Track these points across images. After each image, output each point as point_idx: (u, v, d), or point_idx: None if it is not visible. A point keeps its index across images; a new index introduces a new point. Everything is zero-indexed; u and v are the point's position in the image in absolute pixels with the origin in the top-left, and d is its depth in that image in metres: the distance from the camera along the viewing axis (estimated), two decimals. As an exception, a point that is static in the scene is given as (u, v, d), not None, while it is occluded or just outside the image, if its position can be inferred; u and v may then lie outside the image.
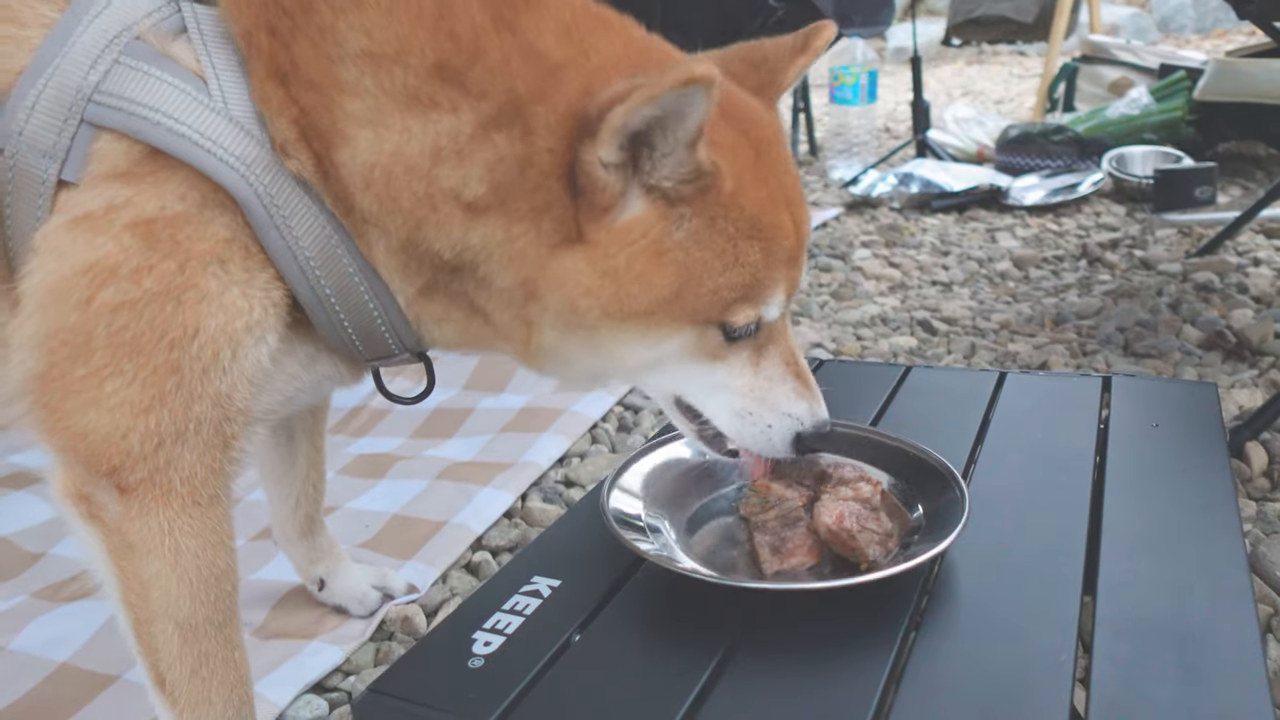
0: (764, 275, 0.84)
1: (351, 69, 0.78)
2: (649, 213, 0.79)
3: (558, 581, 1.01)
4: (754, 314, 0.85)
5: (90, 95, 0.77)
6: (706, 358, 0.88)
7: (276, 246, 0.80)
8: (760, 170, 0.83)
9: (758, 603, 0.94)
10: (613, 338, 0.84)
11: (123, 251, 0.76)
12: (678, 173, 0.77)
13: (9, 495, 1.75)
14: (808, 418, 0.93)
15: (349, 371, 0.94)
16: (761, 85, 0.93)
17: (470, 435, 1.92)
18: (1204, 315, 2.30)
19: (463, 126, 0.78)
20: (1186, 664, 0.82)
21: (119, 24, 0.79)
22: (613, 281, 0.80)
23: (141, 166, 0.77)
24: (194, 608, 0.84)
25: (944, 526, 0.97)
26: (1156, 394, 1.39)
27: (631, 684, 0.86)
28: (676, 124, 0.74)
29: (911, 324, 2.46)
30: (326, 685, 1.26)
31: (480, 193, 0.79)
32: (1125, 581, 0.94)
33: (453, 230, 0.81)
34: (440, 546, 1.52)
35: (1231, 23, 8.12)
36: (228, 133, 0.77)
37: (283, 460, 1.26)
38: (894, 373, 1.52)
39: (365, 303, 0.84)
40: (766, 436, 0.93)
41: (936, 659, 0.85)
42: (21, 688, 1.25)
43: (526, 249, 0.80)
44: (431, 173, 0.79)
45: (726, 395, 0.91)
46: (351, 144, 0.79)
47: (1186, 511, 1.06)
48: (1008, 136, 3.91)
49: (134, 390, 0.77)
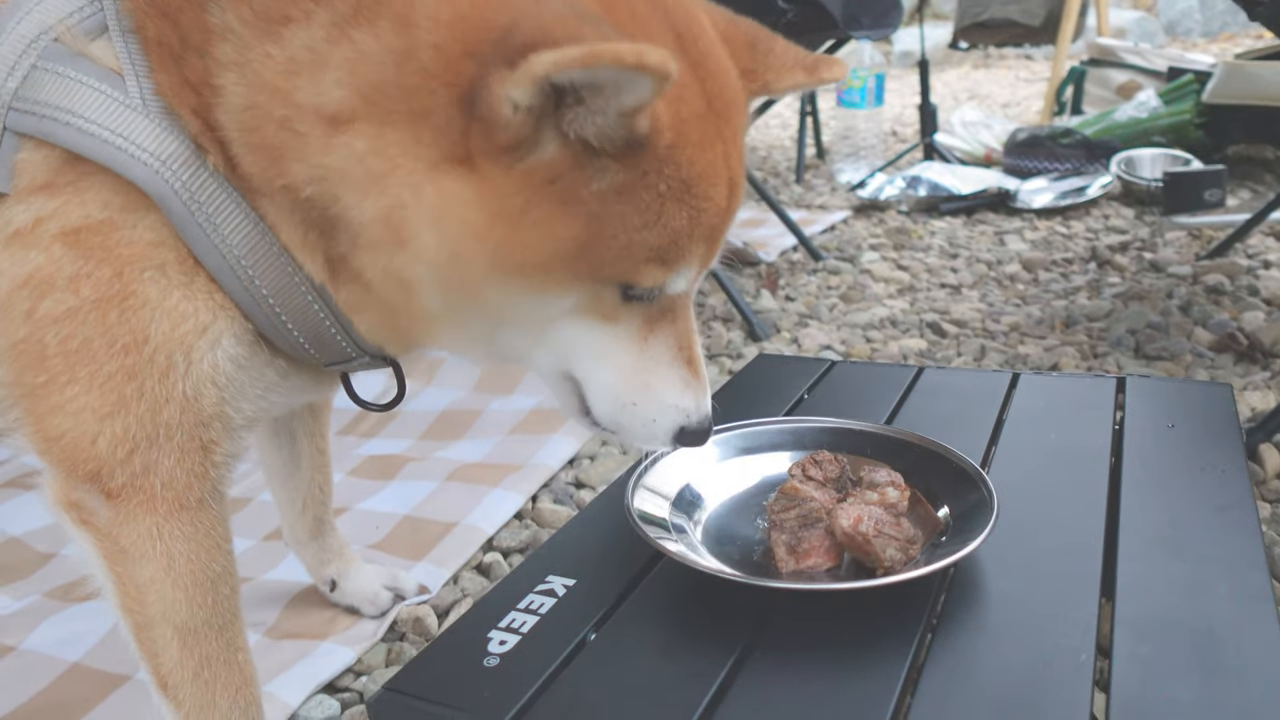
0: (684, 243, 0.74)
1: (215, 10, 0.72)
2: (562, 157, 0.68)
3: (572, 580, 1.01)
4: (661, 279, 0.76)
5: (9, 103, 0.75)
6: (597, 317, 0.79)
7: (202, 246, 0.76)
8: (708, 130, 0.74)
9: (776, 603, 0.94)
10: (499, 294, 0.74)
11: (54, 263, 0.74)
12: (606, 134, 0.67)
13: (20, 496, 1.75)
14: (694, 411, 0.84)
15: (313, 379, 0.89)
16: (749, 70, 0.84)
17: (480, 437, 1.91)
18: (1215, 317, 2.30)
19: (315, 31, 0.70)
20: (1207, 663, 0.81)
21: (38, 28, 0.76)
22: (506, 225, 0.69)
23: (61, 176, 0.75)
24: (191, 611, 0.84)
25: (970, 529, 0.96)
26: (1171, 394, 1.38)
27: (647, 683, 0.85)
28: (613, 94, 0.64)
29: (921, 326, 2.45)
30: (338, 685, 1.26)
31: (340, 98, 0.69)
32: (1144, 581, 0.94)
33: (311, 151, 0.71)
34: (451, 547, 1.52)
35: (1239, 26, 8.11)
36: (143, 129, 0.74)
37: (286, 464, 1.26)
38: (906, 374, 1.52)
39: (309, 303, 0.79)
40: (649, 431, 0.84)
41: (955, 660, 0.85)
42: (34, 687, 1.25)
43: (398, 160, 0.68)
44: (288, 90, 0.70)
45: (607, 373, 0.82)
46: (224, 94, 0.72)
47: (1204, 511, 1.05)
48: (1016, 139, 3.90)
49: (94, 396, 0.76)
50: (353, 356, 0.85)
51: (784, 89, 0.87)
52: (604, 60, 0.60)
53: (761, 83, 0.85)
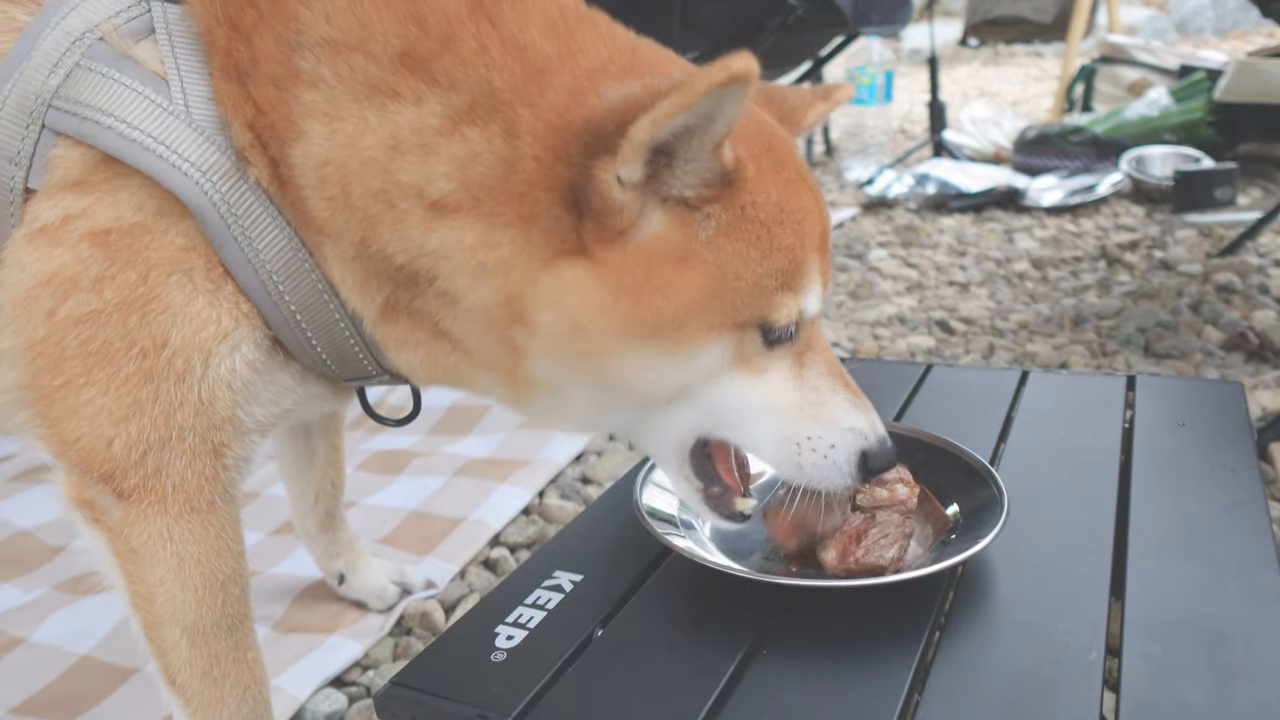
0: (802, 258, 0.77)
1: (309, 57, 0.73)
2: (668, 224, 0.72)
3: (579, 576, 1.01)
4: (795, 306, 0.77)
5: (50, 100, 0.75)
6: (744, 370, 0.79)
7: (235, 258, 0.76)
8: (776, 156, 0.78)
9: (783, 599, 0.93)
10: (629, 361, 0.75)
11: (80, 263, 0.74)
12: (701, 178, 0.71)
13: (29, 489, 1.76)
14: (870, 430, 0.83)
15: (332, 391, 0.90)
16: (779, 118, 0.88)
17: (487, 432, 1.92)
18: (1225, 316, 2.28)
19: (427, 118, 0.72)
20: (1218, 663, 0.81)
21: (84, 25, 0.76)
22: (630, 296, 0.71)
23: (96, 174, 0.75)
24: (200, 612, 0.84)
25: (980, 527, 0.96)
26: (1182, 393, 1.37)
27: (655, 679, 0.85)
28: (706, 129, 0.68)
29: (929, 324, 2.45)
30: (345, 679, 1.26)
31: (448, 190, 0.72)
32: (1154, 581, 0.93)
33: (410, 231, 0.74)
34: (458, 542, 1.52)
35: (1251, 24, 8.06)
36: (185, 137, 0.74)
37: (301, 457, 1.26)
38: (915, 371, 1.51)
39: (335, 321, 0.80)
40: (831, 461, 0.82)
41: (963, 658, 0.85)
42: (44, 679, 1.25)
43: (511, 260, 0.72)
44: (389, 167, 0.73)
45: (771, 420, 0.81)
46: (305, 139, 0.74)
47: (1215, 510, 1.04)
48: (1026, 137, 3.89)
49: (110, 399, 0.76)
50: (372, 374, 0.86)
51: (812, 122, 0.93)
52: (699, 91, 0.63)
53: (792, 122, 0.91)
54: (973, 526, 0.97)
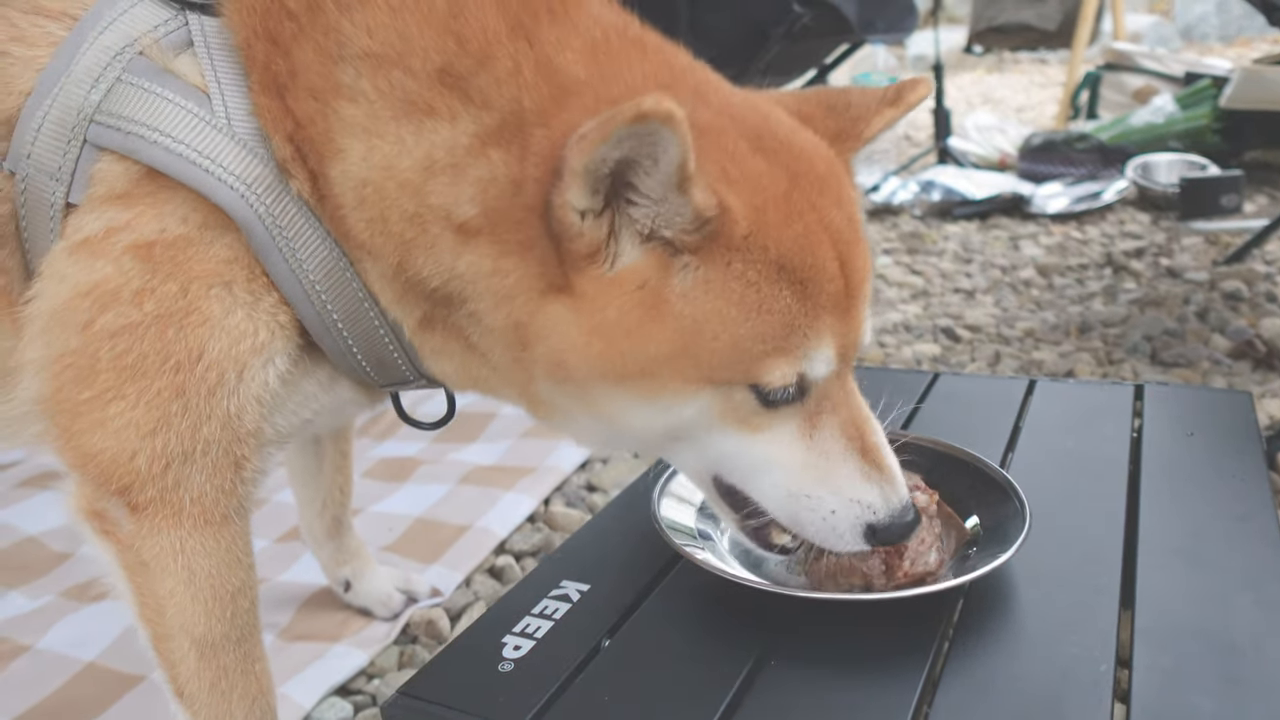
0: (801, 323, 0.72)
1: (350, 71, 0.73)
2: (645, 262, 0.70)
3: (586, 586, 1.00)
4: (791, 371, 0.73)
5: (91, 115, 0.75)
6: (740, 426, 0.76)
7: (280, 270, 0.76)
8: (794, 204, 0.73)
9: (796, 611, 0.93)
10: (610, 400, 0.74)
11: (122, 275, 0.74)
12: (676, 220, 0.68)
13: (36, 495, 1.76)
14: (881, 506, 0.78)
15: (366, 396, 0.91)
16: (839, 132, 0.83)
17: (493, 440, 1.92)
18: (1233, 324, 2.28)
19: (459, 137, 0.71)
20: (1229, 674, 0.80)
21: (122, 40, 0.76)
22: (601, 339, 0.71)
23: (140, 188, 0.75)
24: (210, 625, 0.84)
25: (1001, 539, 0.94)
26: (1190, 402, 1.37)
27: (663, 690, 0.85)
28: (651, 166, 0.65)
29: (935, 331, 2.44)
30: (351, 688, 1.26)
31: (471, 215, 0.72)
32: (1164, 591, 0.93)
33: (442, 255, 0.74)
34: (464, 550, 1.52)
35: (1256, 30, 8.06)
36: (229, 151, 0.74)
37: (309, 463, 1.27)
38: (921, 379, 1.51)
39: (376, 329, 0.81)
40: (830, 525, 0.79)
41: (973, 669, 0.84)
42: (50, 686, 1.25)
43: (516, 289, 0.72)
44: (423, 188, 0.72)
45: (775, 473, 0.78)
46: (344, 157, 0.73)
47: (1224, 521, 1.04)
48: (1031, 144, 3.89)
49: (139, 413, 0.76)
50: (410, 380, 0.87)
51: (876, 132, 0.85)
52: (612, 127, 0.61)
53: (854, 136, 0.84)
54: (994, 539, 0.96)
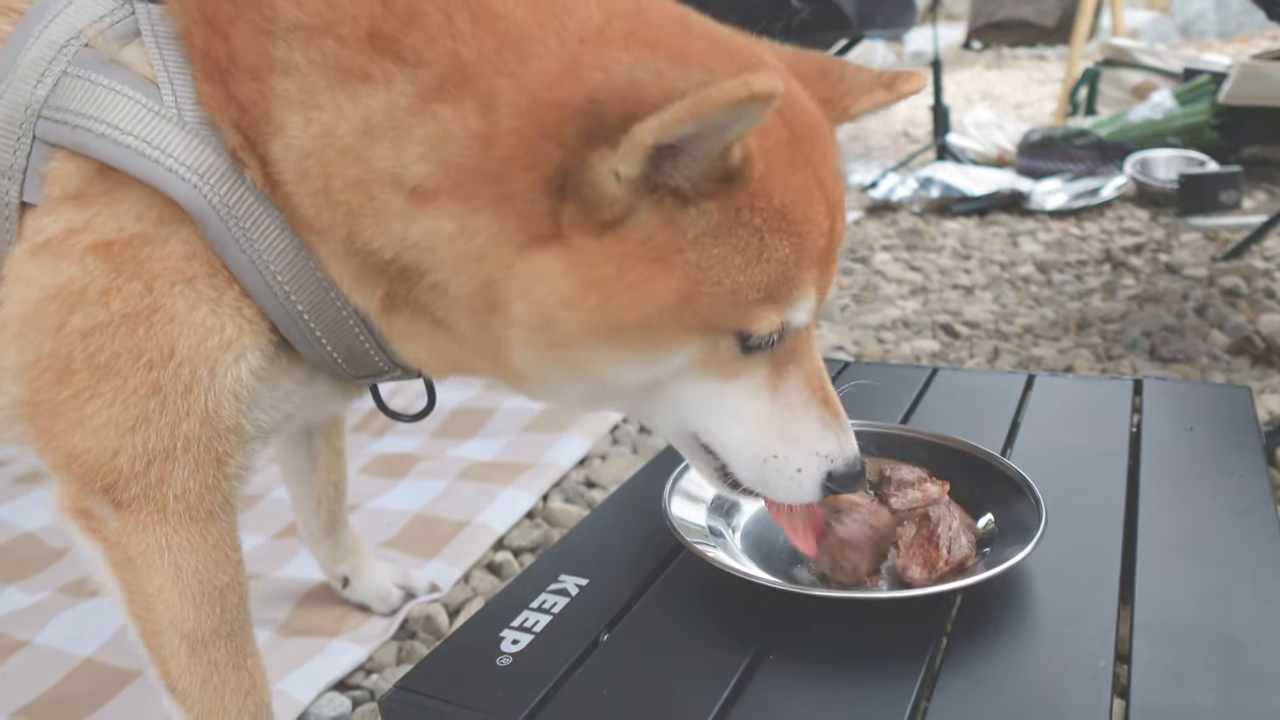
0: (794, 273, 0.72)
1: (282, 45, 0.71)
2: (654, 217, 0.68)
3: (585, 580, 1.00)
4: (778, 319, 0.73)
5: (39, 110, 0.73)
6: (716, 374, 0.76)
7: (239, 262, 0.75)
8: (795, 154, 0.72)
9: (794, 606, 0.93)
10: (598, 356, 0.73)
11: (87, 275, 0.73)
12: (702, 174, 0.67)
13: (32, 491, 1.76)
14: (838, 454, 0.80)
15: (341, 390, 0.89)
16: (827, 100, 0.82)
17: (492, 436, 1.91)
18: (1231, 320, 2.28)
19: (396, 99, 0.69)
20: (1230, 669, 0.80)
21: (68, 32, 0.74)
22: (599, 291, 0.68)
23: (94, 186, 0.74)
24: (199, 621, 0.83)
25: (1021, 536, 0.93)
26: (1189, 397, 1.37)
27: (661, 684, 0.85)
28: (718, 136, 0.63)
29: (933, 327, 2.44)
30: (349, 683, 1.26)
31: (424, 173, 0.68)
32: (1164, 586, 0.92)
33: (391, 222, 0.71)
34: (462, 546, 1.52)
35: (1255, 27, 8.05)
36: (179, 141, 0.72)
37: (302, 460, 1.26)
38: (920, 375, 1.50)
39: (343, 318, 0.79)
40: (796, 483, 0.81)
41: (972, 665, 0.84)
42: (47, 681, 1.25)
43: (486, 246, 0.69)
44: (365, 153, 0.69)
45: (742, 429, 0.79)
46: (284, 133, 0.71)
47: (1224, 516, 1.04)
48: (1029, 140, 3.88)
49: (116, 411, 0.75)
50: (385, 370, 0.85)
51: (863, 110, 0.84)
52: (715, 104, 0.59)
53: (840, 109, 0.83)
54: (1011, 536, 0.95)
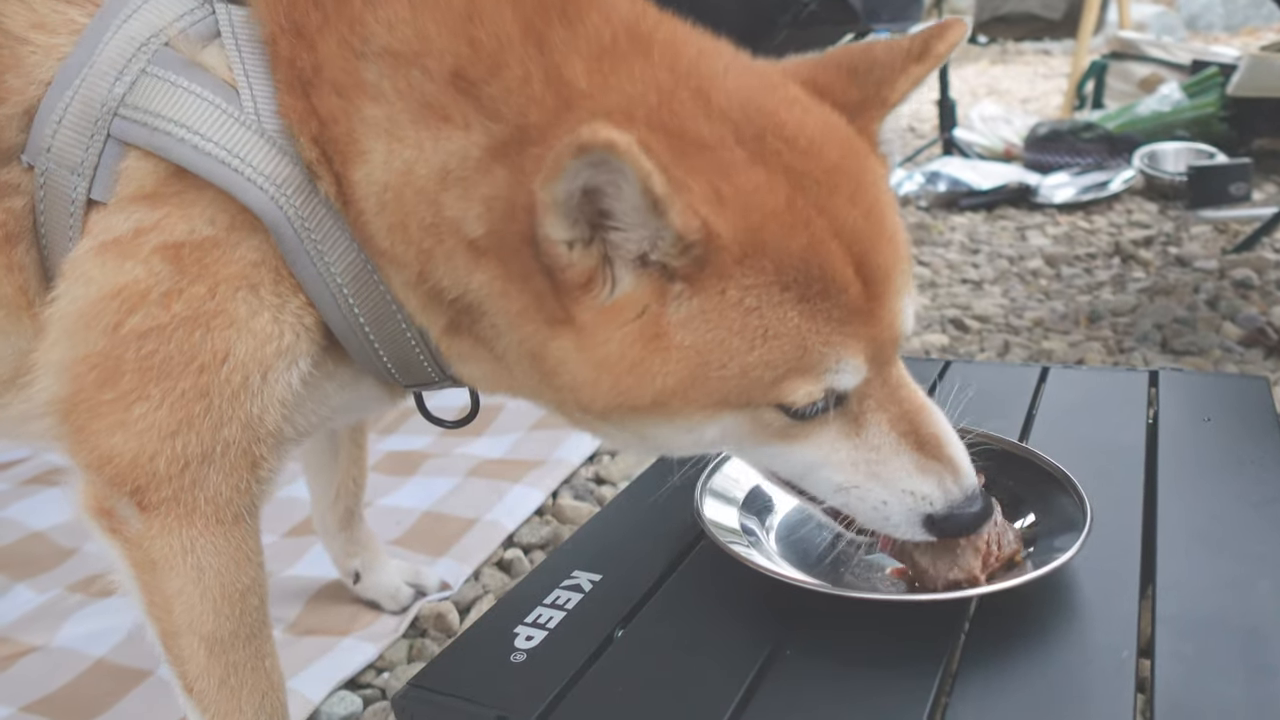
0: (814, 341, 0.68)
1: (373, 69, 0.70)
2: (639, 290, 0.67)
3: (598, 576, 0.99)
4: (816, 389, 0.69)
5: (116, 109, 0.73)
6: (776, 439, 0.74)
7: (307, 273, 0.74)
8: (798, 214, 0.68)
9: (811, 603, 0.91)
10: (638, 424, 0.73)
11: (152, 276, 0.73)
12: (660, 244, 0.65)
13: (43, 491, 1.76)
14: (938, 497, 0.76)
15: (389, 394, 0.90)
16: (863, 101, 0.78)
17: (501, 433, 1.90)
18: (1243, 312, 2.26)
19: (471, 149, 0.68)
20: (1252, 661, 0.79)
21: (148, 29, 0.74)
22: (608, 374, 0.69)
23: (167, 187, 0.73)
24: (219, 623, 0.83)
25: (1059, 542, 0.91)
26: (1205, 388, 1.35)
27: (677, 680, 0.84)
28: (616, 193, 0.62)
29: (943, 322, 2.43)
30: (360, 681, 1.25)
31: (479, 234, 0.69)
32: (1185, 578, 0.91)
33: (457, 268, 0.71)
34: (472, 544, 1.51)
35: (1262, 19, 8.01)
36: (258, 150, 0.72)
37: (324, 453, 1.26)
38: (932, 368, 1.49)
39: (402, 331, 0.79)
40: (882, 515, 0.77)
41: (992, 659, 0.83)
42: (58, 681, 1.25)
43: (523, 318, 0.70)
44: (438, 199, 0.70)
45: (823, 470, 0.77)
46: (367, 160, 0.71)
47: (1243, 507, 1.02)
48: (1037, 134, 3.86)
49: (161, 414, 0.75)
50: (435, 381, 0.85)
51: (904, 93, 0.80)
52: (563, 159, 0.59)
53: (880, 102, 0.79)
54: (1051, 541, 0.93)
